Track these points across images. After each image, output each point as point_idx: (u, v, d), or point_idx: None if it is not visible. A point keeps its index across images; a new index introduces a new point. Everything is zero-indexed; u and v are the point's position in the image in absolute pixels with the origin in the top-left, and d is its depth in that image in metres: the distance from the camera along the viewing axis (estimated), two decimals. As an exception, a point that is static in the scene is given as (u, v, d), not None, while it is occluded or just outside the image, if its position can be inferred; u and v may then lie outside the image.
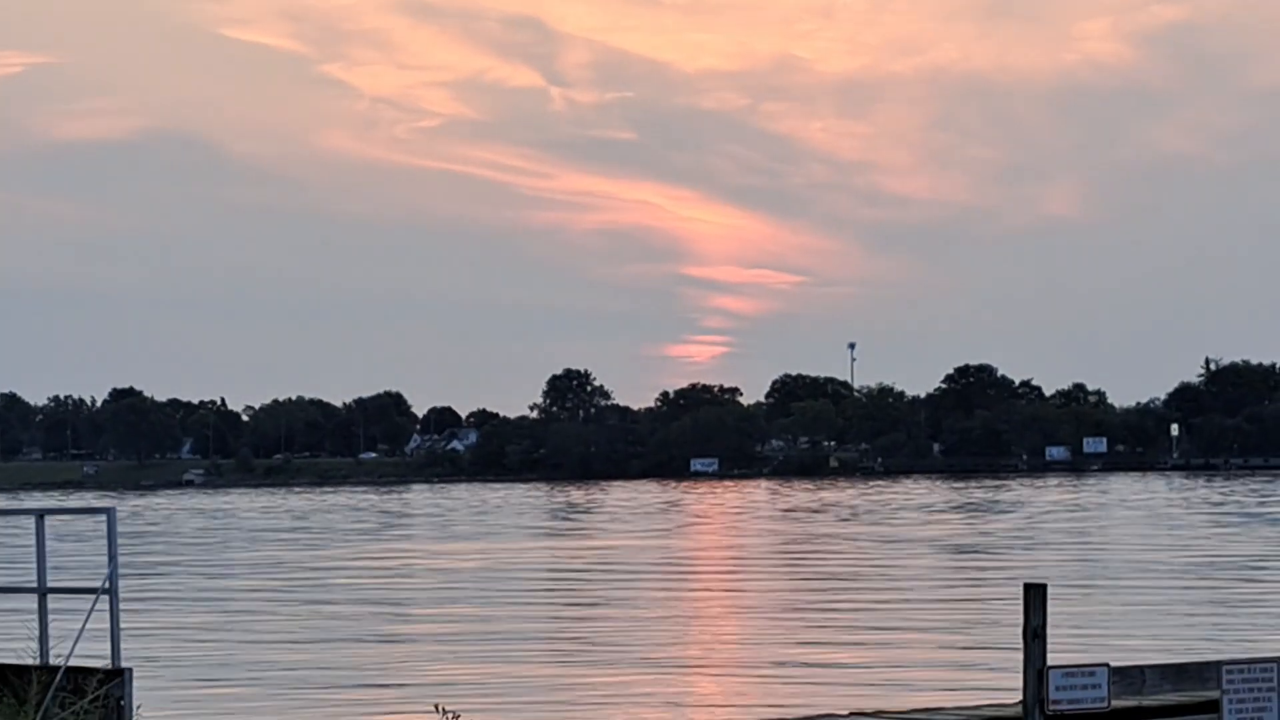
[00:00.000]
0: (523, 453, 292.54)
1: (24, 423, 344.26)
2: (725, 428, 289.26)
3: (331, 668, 40.63)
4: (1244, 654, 25.73)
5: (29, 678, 16.69)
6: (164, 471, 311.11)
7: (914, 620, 49.26)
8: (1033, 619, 18.57)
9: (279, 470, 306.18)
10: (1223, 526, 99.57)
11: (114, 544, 16.84)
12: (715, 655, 43.27)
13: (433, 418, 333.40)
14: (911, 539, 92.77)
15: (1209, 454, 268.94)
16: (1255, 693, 19.10)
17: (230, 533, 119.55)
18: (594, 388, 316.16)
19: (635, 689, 35.88)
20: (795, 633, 46.85)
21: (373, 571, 75.92)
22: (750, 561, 79.40)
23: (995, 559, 76.05)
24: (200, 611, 56.68)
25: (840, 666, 38.88)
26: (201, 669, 40.86)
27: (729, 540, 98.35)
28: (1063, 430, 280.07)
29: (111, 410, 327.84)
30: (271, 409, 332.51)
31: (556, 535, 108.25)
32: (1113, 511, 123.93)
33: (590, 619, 52.63)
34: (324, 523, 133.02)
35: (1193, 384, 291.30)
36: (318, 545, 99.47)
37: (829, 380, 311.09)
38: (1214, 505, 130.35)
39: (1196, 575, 64.41)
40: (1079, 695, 18.39)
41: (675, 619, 52.33)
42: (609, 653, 42.76)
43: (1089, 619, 46.89)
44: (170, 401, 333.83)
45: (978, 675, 35.62)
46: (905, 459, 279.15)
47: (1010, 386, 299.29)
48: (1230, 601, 54.05)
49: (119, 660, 16.69)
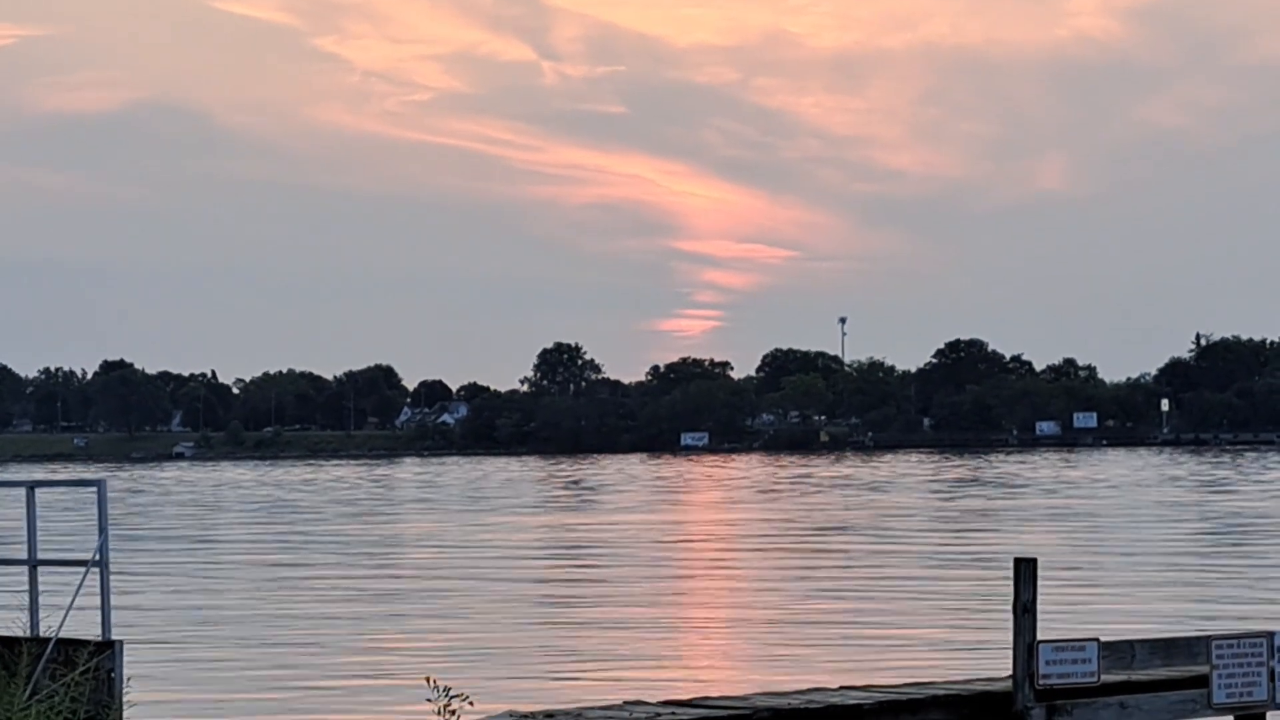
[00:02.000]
0: (513, 426, 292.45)
1: (14, 395, 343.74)
2: (716, 402, 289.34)
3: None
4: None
5: (20, 649, 16.70)
6: (154, 444, 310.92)
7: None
8: (1023, 594, 18.59)
9: (269, 443, 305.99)
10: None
11: (104, 516, 16.84)
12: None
13: (423, 391, 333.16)
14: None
15: (1199, 429, 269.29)
16: (1245, 667, 19.13)
17: (333, 506, 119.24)
18: (585, 361, 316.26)
19: (612, 651, 35.91)
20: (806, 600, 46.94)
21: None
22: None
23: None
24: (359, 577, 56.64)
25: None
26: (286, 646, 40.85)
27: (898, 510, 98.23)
28: (1053, 405, 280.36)
29: (102, 383, 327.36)
30: (262, 382, 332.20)
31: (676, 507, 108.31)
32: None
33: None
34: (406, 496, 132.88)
35: (1183, 359, 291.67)
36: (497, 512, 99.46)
37: (819, 355, 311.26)
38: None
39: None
40: (1069, 670, 18.43)
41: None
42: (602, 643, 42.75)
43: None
44: (160, 374, 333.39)
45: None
46: (895, 433, 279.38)
47: (1001, 361, 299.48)
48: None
49: (109, 632, 16.70)
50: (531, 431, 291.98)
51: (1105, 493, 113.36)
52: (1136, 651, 19.58)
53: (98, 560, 16.64)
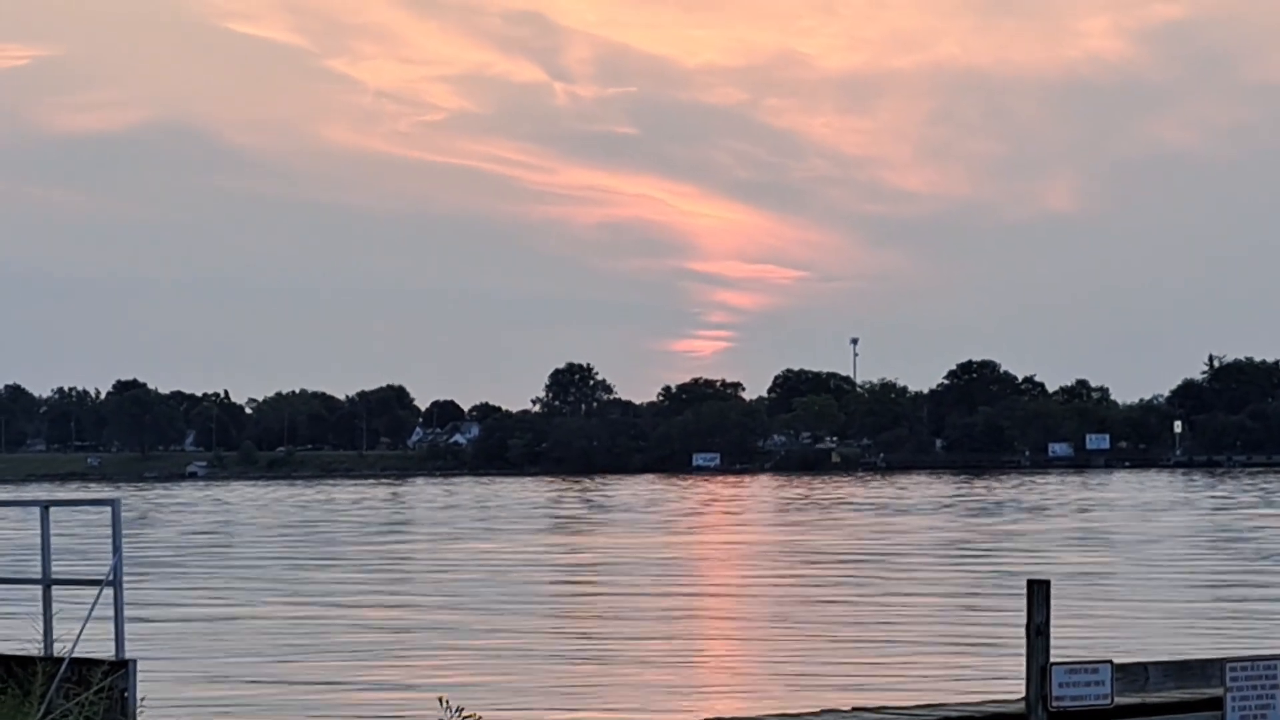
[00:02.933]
0: (525, 446, 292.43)
1: (28, 414, 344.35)
2: (727, 423, 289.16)
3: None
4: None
5: (34, 669, 16.72)
6: (167, 463, 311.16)
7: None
8: (1036, 616, 18.57)
9: (282, 463, 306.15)
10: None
11: (119, 536, 16.85)
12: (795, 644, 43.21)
13: (435, 411, 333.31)
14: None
15: (1212, 451, 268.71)
16: (1258, 690, 19.11)
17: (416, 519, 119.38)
18: (596, 382, 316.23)
19: (635, 681, 35.88)
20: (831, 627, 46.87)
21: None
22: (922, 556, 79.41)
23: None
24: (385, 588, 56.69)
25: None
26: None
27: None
28: (1066, 426, 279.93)
29: (115, 402, 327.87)
30: (274, 402, 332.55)
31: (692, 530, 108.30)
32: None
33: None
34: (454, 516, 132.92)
35: (1196, 381, 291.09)
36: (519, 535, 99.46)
37: (831, 375, 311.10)
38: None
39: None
40: (1082, 692, 18.40)
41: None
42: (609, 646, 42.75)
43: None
44: (174, 394, 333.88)
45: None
46: (907, 455, 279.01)
47: (1013, 382, 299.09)
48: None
49: (123, 652, 16.72)
50: (543, 452, 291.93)
51: (1124, 515, 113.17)
52: (1150, 674, 19.57)
53: (112, 579, 16.67)
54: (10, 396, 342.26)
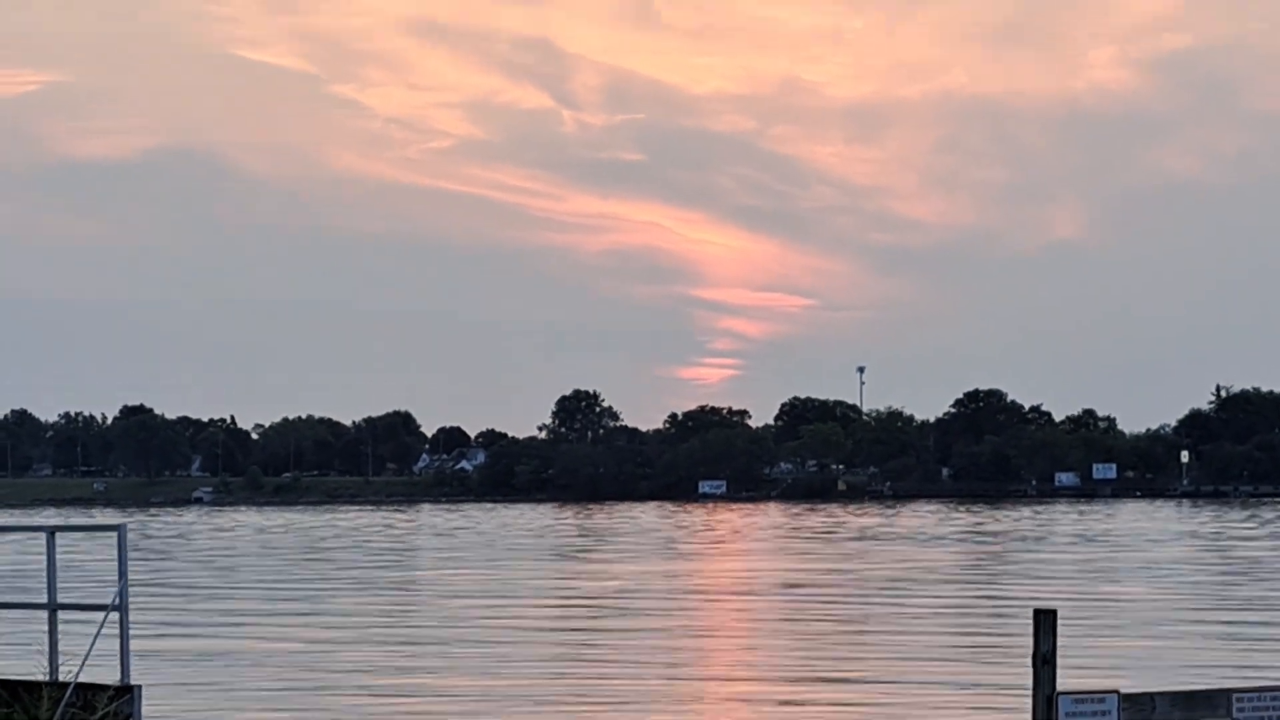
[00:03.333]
0: (531, 473, 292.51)
1: (34, 439, 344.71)
2: (734, 450, 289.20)
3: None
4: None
5: (39, 694, 16.72)
6: (173, 488, 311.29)
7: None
8: (1042, 645, 18.53)
9: (288, 488, 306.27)
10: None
11: (124, 561, 16.86)
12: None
13: (441, 438, 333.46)
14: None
15: (1219, 481, 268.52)
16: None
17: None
18: (603, 409, 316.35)
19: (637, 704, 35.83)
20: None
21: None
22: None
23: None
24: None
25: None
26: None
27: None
28: (1072, 456, 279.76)
29: (122, 427, 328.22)
30: (281, 427, 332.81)
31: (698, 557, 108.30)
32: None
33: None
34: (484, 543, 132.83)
35: (1203, 411, 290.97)
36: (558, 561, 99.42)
37: (838, 403, 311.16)
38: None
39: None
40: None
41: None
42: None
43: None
44: (180, 419, 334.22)
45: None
46: (914, 483, 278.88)
47: (1020, 412, 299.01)
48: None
49: (128, 677, 16.71)
50: (549, 479, 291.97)
51: (1133, 544, 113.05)
52: (1157, 703, 19.49)
53: (117, 605, 16.66)
54: (16, 421, 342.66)
